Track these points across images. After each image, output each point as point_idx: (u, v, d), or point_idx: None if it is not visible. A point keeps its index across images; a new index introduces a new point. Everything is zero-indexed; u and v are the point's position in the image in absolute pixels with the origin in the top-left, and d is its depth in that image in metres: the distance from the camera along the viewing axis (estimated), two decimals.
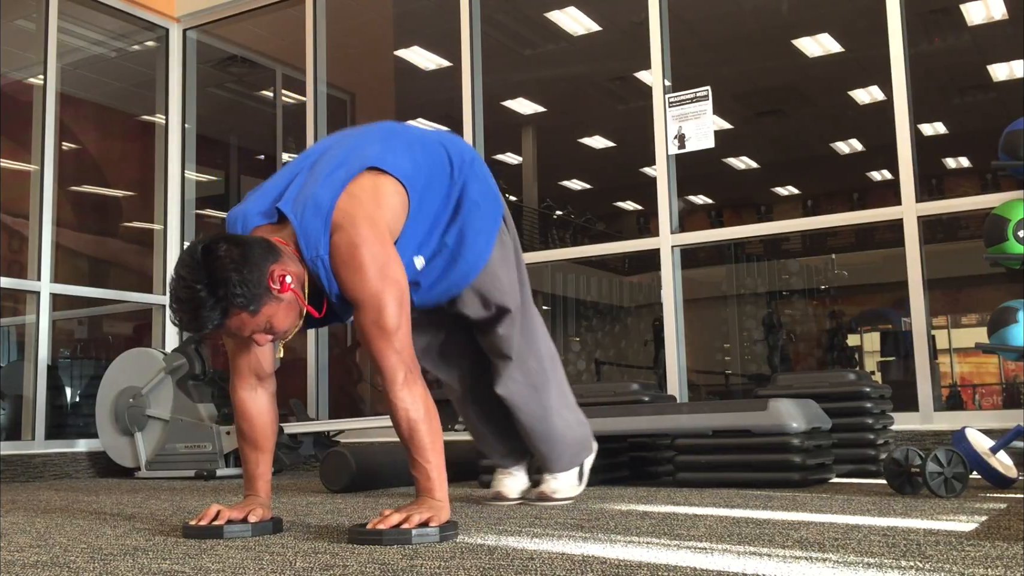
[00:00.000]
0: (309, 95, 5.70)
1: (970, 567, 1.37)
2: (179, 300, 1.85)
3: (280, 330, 1.94)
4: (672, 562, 1.50)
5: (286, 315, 1.93)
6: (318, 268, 1.96)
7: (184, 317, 1.85)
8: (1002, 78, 9.44)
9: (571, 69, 9.58)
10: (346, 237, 1.95)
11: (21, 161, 5.66)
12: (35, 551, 1.87)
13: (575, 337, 10.96)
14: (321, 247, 1.96)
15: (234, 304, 1.83)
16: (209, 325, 1.84)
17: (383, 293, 1.95)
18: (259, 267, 1.86)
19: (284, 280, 1.89)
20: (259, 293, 1.85)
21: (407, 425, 1.95)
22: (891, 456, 2.65)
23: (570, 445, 2.66)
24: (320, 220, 1.97)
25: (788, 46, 8.87)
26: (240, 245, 1.87)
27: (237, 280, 1.82)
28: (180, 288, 1.84)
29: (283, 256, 1.93)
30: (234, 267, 1.82)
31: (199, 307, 1.82)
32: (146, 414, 4.79)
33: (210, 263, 1.82)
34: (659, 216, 4.56)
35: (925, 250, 4.01)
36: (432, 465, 1.95)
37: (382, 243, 1.99)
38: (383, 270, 1.96)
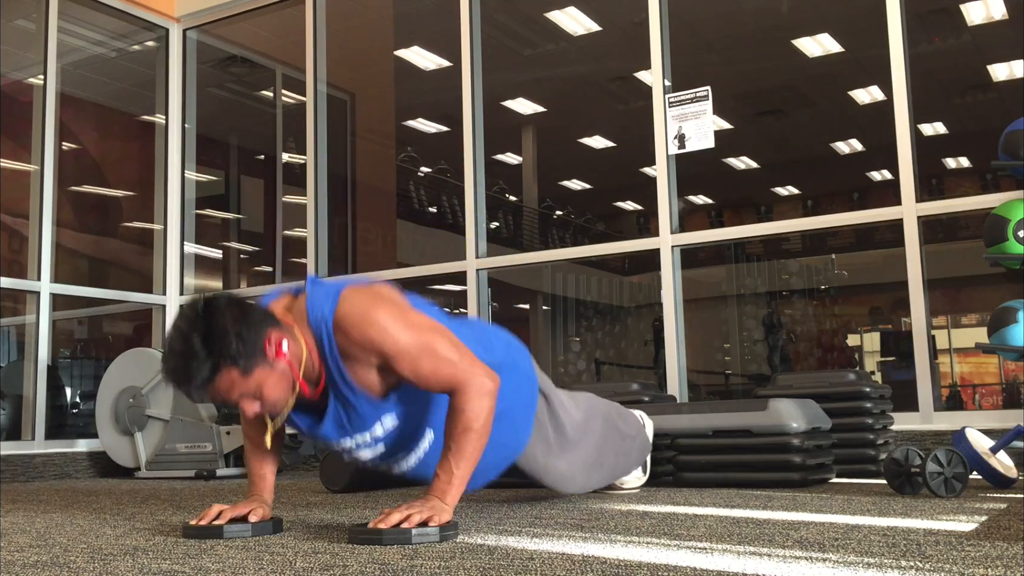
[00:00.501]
0: (309, 95, 5.70)
1: (970, 567, 1.37)
2: (172, 351, 1.80)
3: (269, 400, 1.88)
4: (672, 562, 1.50)
5: (277, 384, 1.87)
6: (321, 331, 1.92)
7: (174, 368, 1.80)
8: (1002, 78, 9.44)
9: (571, 69, 9.58)
10: (356, 306, 1.91)
11: (21, 161, 5.67)
12: (35, 551, 1.87)
13: (575, 337, 10.95)
14: (327, 311, 1.92)
15: (226, 358, 1.78)
16: (198, 378, 1.79)
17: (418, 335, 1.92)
18: (257, 328, 1.83)
19: (280, 346, 1.85)
20: (253, 353, 1.81)
21: (463, 429, 1.93)
22: (891, 456, 2.65)
23: (633, 464, 2.95)
24: (332, 288, 1.96)
25: (788, 46, 8.88)
26: (242, 306, 1.85)
27: (234, 337, 1.78)
28: (175, 338, 1.80)
29: (284, 328, 1.91)
30: (232, 322, 1.79)
31: (191, 359, 1.77)
32: (146, 414, 4.79)
33: (209, 316, 1.80)
34: (659, 216, 4.56)
35: (925, 250, 4.01)
36: (459, 473, 1.94)
37: (394, 303, 1.96)
38: (405, 319, 1.94)
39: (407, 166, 10.65)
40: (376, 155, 9.11)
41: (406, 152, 10.51)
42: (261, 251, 8.09)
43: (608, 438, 2.74)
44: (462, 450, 1.94)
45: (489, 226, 6.73)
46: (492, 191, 10.98)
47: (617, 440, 2.79)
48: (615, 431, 2.79)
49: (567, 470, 2.52)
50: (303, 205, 5.70)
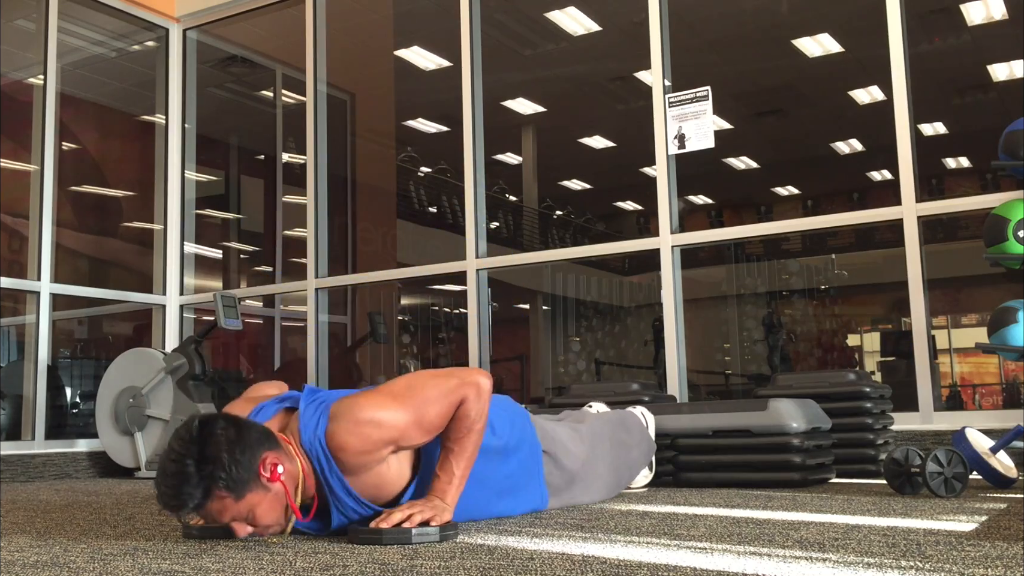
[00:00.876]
0: (309, 95, 5.70)
1: (970, 567, 1.37)
2: (164, 473, 1.78)
3: (262, 523, 1.85)
4: (672, 562, 1.50)
5: (271, 508, 1.84)
6: (315, 448, 1.90)
7: (166, 490, 1.77)
8: (1002, 78, 9.44)
9: (571, 69, 9.58)
10: (346, 416, 1.90)
11: (21, 161, 5.66)
12: (35, 551, 1.87)
13: (575, 337, 10.95)
14: (319, 428, 1.90)
15: (218, 482, 1.76)
16: (190, 503, 1.77)
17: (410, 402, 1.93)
18: (252, 451, 1.81)
19: (275, 469, 1.83)
20: (247, 478, 1.79)
21: (467, 428, 1.96)
22: (891, 456, 2.65)
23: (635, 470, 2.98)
24: (322, 406, 1.95)
25: (788, 46, 8.88)
26: (238, 427, 1.83)
27: (227, 461, 1.76)
28: (168, 460, 1.78)
29: (281, 448, 1.89)
30: (227, 447, 1.77)
31: (183, 482, 1.75)
32: (146, 414, 4.79)
33: (204, 439, 1.78)
34: (659, 216, 4.56)
35: (925, 250, 4.01)
36: (459, 474, 1.97)
37: (370, 394, 1.96)
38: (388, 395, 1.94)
39: (407, 166, 10.65)
40: (376, 155, 9.11)
41: (406, 152, 10.51)
42: (261, 251, 8.09)
43: (617, 456, 2.79)
44: (463, 451, 1.97)
45: (489, 226, 6.73)
46: (492, 191, 10.99)
47: (625, 454, 2.84)
48: (621, 447, 2.83)
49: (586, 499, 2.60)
50: (303, 205, 5.70)
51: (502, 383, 8.91)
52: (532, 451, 2.34)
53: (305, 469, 1.91)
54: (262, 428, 1.89)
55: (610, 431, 2.80)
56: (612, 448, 2.76)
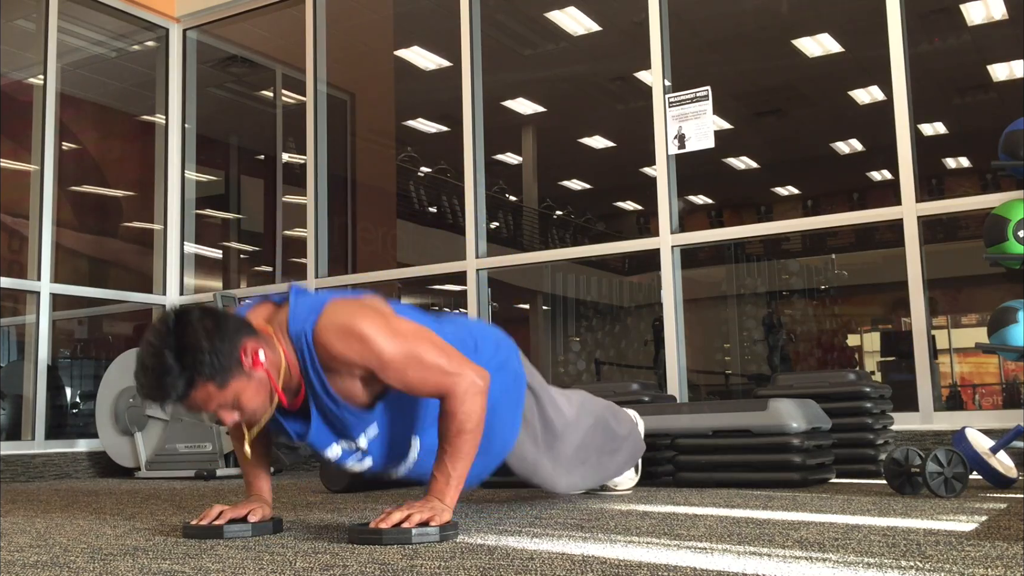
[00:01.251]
0: (309, 95, 5.70)
1: (970, 567, 1.37)
2: (144, 367, 1.76)
3: (248, 410, 1.85)
4: (672, 562, 1.50)
5: (255, 394, 1.84)
6: (301, 343, 1.89)
7: (148, 384, 1.76)
8: (1002, 78, 9.44)
9: (571, 69, 9.58)
10: (338, 319, 1.88)
11: (21, 161, 5.67)
12: (35, 551, 1.87)
13: (575, 337, 10.96)
14: (308, 324, 1.89)
15: (201, 374, 1.75)
16: (173, 395, 1.75)
17: (404, 343, 1.90)
18: (231, 340, 1.79)
19: (256, 355, 1.82)
20: (229, 365, 1.77)
21: (457, 430, 1.92)
22: (891, 456, 2.65)
23: (624, 464, 2.90)
24: (315, 300, 1.94)
25: (788, 46, 8.88)
26: (215, 316, 1.81)
27: (207, 349, 1.74)
28: (147, 355, 1.76)
29: (260, 336, 1.87)
30: (206, 336, 1.75)
31: (164, 375, 1.73)
32: (146, 414, 4.79)
33: (181, 330, 1.75)
34: (659, 216, 4.56)
35: (925, 250, 4.01)
36: (456, 474, 1.93)
37: (375, 314, 1.93)
38: (389, 328, 1.91)
39: (407, 166, 10.65)
40: (376, 155, 9.11)
41: (406, 152, 10.52)
42: (261, 251, 8.09)
43: (598, 436, 2.71)
44: (458, 451, 1.94)
45: (489, 226, 6.73)
46: (492, 191, 10.98)
47: (608, 439, 2.76)
48: (607, 430, 2.76)
49: (554, 468, 2.49)
50: (303, 205, 5.70)
51: None
52: (516, 379, 2.30)
53: (289, 359, 1.90)
54: (239, 317, 1.88)
55: (600, 411, 2.74)
56: (596, 426, 2.69)
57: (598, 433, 2.71)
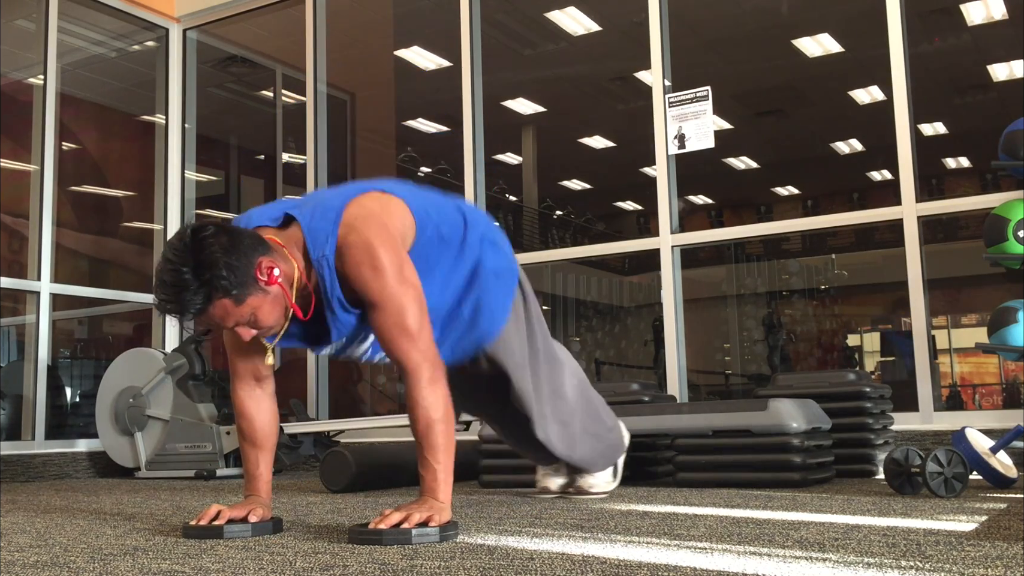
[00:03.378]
0: (309, 95, 5.70)
1: (970, 567, 1.37)
2: (163, 283, 1.81)
3: (265, 324, 1.90)
4: (672, 562, 1.50)
5: (272, 309, 1.90)
6: (323, 268, 1.94)
7: (166, 299, 1.81)
8: (1002, 78, 9.44)
9: (571, 69, 9.57)
10: (361, 237, 1.93)
11: (21, 161, 5.66)
12: (35, 551, 1.87)
13: (575, 337, 10.95)
14: (328, 247, 1.94)
15: (218, 289, 1.80)
16: (191, 309, 1.81)
17: (403, 295, 1.94)
18: (247, 256, 1.84)
19: (272, 272, 1.87)
20: (245, 281, 1.83)
21: (425, 424, 1.94)
22: (891, 456, 2.65)
23: (602, 455, 2.80)
24: (329, 222, 1.96)
25: (788, 46, 8.87)
26: (230, 233, 1.86)
27: (224, 264, 1.79)
28: (165, 270, 1.81)
29: (274, 251, 1.92)
30: (222, 252, 1.80)
31: (183, 290, 1.79)
32: (146, 414, 4.79)
33: (198, 246, 1.80)
34: (659, 216, 4.56)
35: (925, 250, 4.01)
36: (441, 467, 1.94)
37: (396, 246, 1.98)
38: (400, 272, 1.95)
39: (407, 166, 10.65)
40: (376, 155, 9.11)
41: (406, 152, 10.51)
42: None
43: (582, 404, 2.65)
44: (434, 445, 1.94)
45: None
46: (492, 191, 10.98)
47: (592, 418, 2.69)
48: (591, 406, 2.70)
49: (536, 393, 2.45)
50: None
51: None
52: (509, 266, 2.33)
53: (301, 268, 1.96)
54: (253, 233, 1.92)
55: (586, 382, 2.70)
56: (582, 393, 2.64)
57: (583, 401, 2.66)
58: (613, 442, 2.83)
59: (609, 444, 2.80)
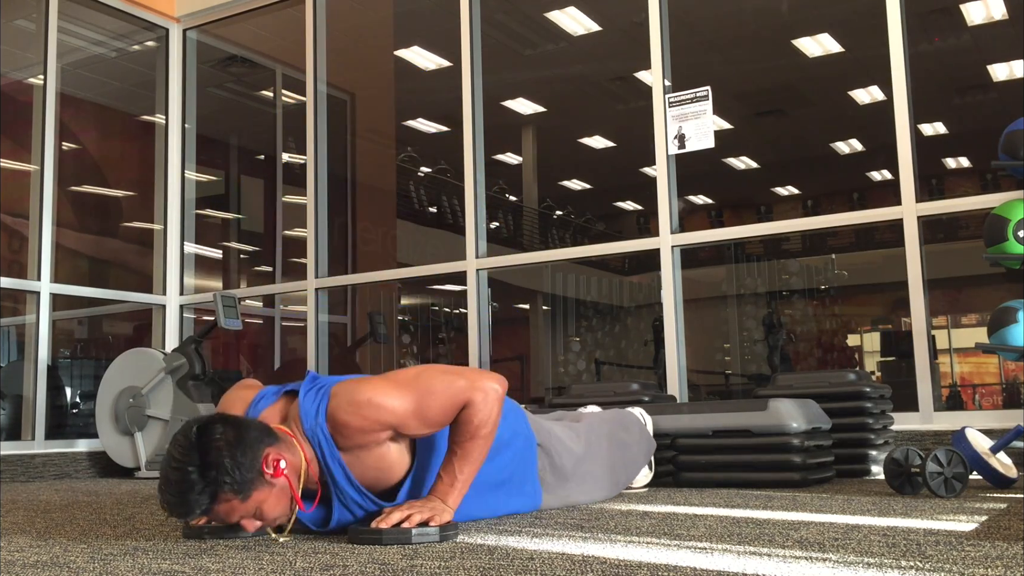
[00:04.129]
0: (309, 95, 5.70)
1: (970, 567, 1.37)
2: (168, 481, 1.79)
3: (269, 518, 1.87)
4: (672, 562, 1.50)
5: (277, 502, 1.86)
6: (318, 437, 1.92)
7: (172, 500, 1.79)
8: (1002, 78, 9.44)
9: (571, 69, 9.58)
10: (345, 396, 1.92)
11: (21, 161, 5.66)
12: (35, 551, 1.87)
13: (575, 337, 10.95)
14: (320, 415, 1.92)
15: (223, 489, 1.77)
16: (197, 510, 1.78)
17: (413, 391, 1.93)
18: (253, 450, 1.81)
19: (278, 465, 1.84)
20: (251, 478, 1.80)
21: (471, 434, 1.95)
22: (891, 456, 2.65)
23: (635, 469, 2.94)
24: (322, 392, 1.95)
25: (788, 46, 8.88)
26: (237, 427, 1.83)
27: (229, 465, 1.77)
28: (171, 469, 1.78)
29: (280, 442, 1.89)
30: (228, 451, 1.78)
31: (188, 490, 1.76)
32: (146, 414, 4.79)
33: (204, 445, 1.78)
34: (659, 216, 4.56)
35: (925, 250, 4.01)
36: (462, 478, 1.96)
37: (375, 378, 1.97)
38: (393, 382, 1.95)
39: (407, 166, 10.65)
40: (376, 155, 9.11)
41: (406, 152, 10.51)
42: (261, 251, 8.09)
43: (615, 454, 2.77)
44: (468, 455, 1.95)
45: (489, 226, 6.72)
46: (492, 191, 10.98)
47: (623, 453, 2.83)
48: (620, 446, 2.81)
49: (583, 498, 2.58)
50: (303, 205, 5.70)
51: None
52: (527, 443, 2.34)
53: (308, 456, 1.93)
54: (259, 424, 1.90)
55: (608, 430, 2.79)
56: (610, 447, 2.75)
57: (615, 451, 2.77)
58: (644, 449, 2.97)
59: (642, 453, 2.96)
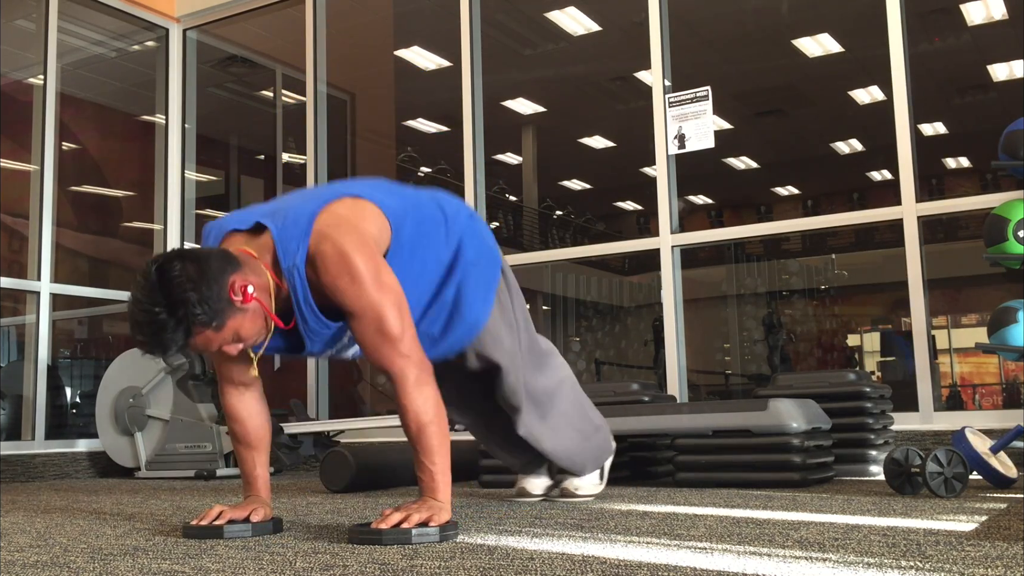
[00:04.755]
0: (309, 95, 5.70)
1: (970, 567, 1.37)
2: (138, 323, 1.78)
3: (248, 338, 1.89)
4: (672, 562, 1.50)
5: (252, 324, 1.88)
6: (294, 278, 1.91)
7: (146, 341, 1.79)
8: (1002, 78, 9.44)
9: (571, 69, 9.57)
10: (334, 246, 1.89)
11: (21, 161, 5.66)
12: (35, 551, 1.87)
13: (575, 337, 10.95)
14: (299, 256, 1.90)
15: (196, 323, 1.78)
16: (173, 347, 1.79)
17: (381, 301, 1.91)
18: (218, 281, 1.80)
19: (246, 290, 1.84)
20: (221, 308, 1.80)
21: (416, 427, 1.93)
22: (891, 456, 2.65)
23: (590, 455, 2.73)
24: (300, 230, 1.92)
25: (788, 46, 8.87)
26: (196, 260, 1.80)
27: (196, 299, 1.76)
28: (138, 312, 1.77)
29: (243, 266, 1.88)
30: (192, 286, 1.76)
31: (160, 330, 1.76)
32: (146, 414, 4.79)
33: (166, 284, 1.76)
34: (659, 216, 4.56)
35: (925, 250, 4.01)
36: (438, 467, 1.94)
37: (371, 250, 1.94)
38: (377, 277, 1.92)
39: (407, 166, 10.65)
40: (376, 155, 9.11)
41: (406, 152, 10.51)
42: None
43: (570, 398, 2.61)
44: (428, 447, 1.94)
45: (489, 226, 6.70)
46: (492, 191, 10.98)
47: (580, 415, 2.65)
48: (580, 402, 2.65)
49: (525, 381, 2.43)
50: None
51: None
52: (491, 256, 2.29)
53: (274, 278, 1.93)
54: (219, 252, 1.88)
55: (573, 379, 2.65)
56: (570, 388, 2.60)
57: (571, 396, 2.62)
58: (600, 443, 2.75)
59: (597, 445, 2.73)
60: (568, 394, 2.63)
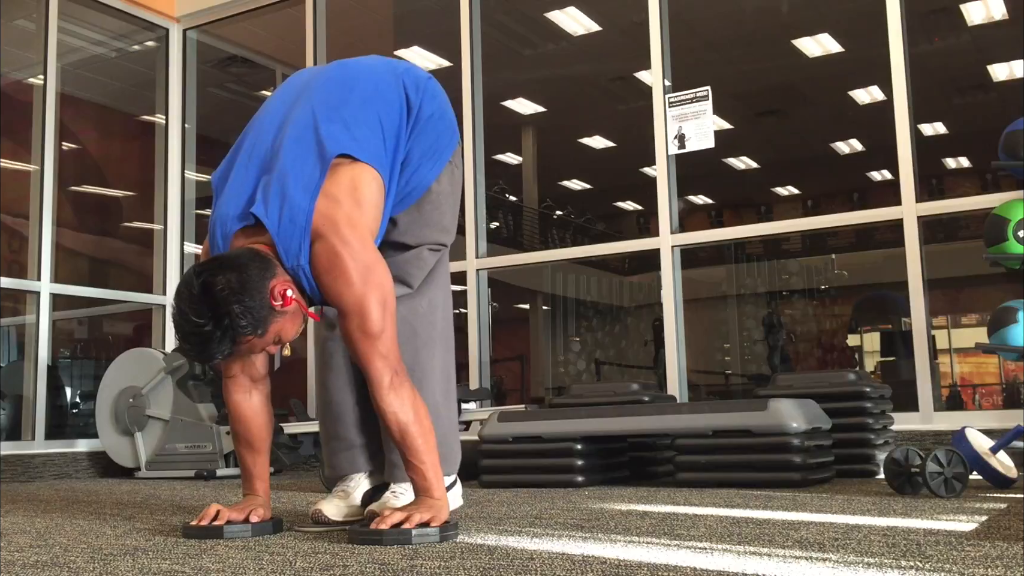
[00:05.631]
0: None
1: (970, 567, 1.37)
2: (185, 335, 1.86)
3: (288, 338, 1.98)
4: (672, 562, 1.50)
5: (292, 324, 1.96)
6: (299, 276, 1.96)
7: (194, 351, 1.88)
8: (1002, 78, 9.44)
9: (571, 69, 9.57)
10: (327, 245, 1.93)
11: (21, 161, 5.66)
12: (35, 551, 1.87)
13: (575, 337, 10.96)
14: (302, 256, 1.94)
15: (241, 334, 1.85)
16: (219, 356, 1.88)
17: (366, 298, 1.94)
18: (259, 289, 1.86)
19: (285, 294, 1.90)
20: (264, 315, 1.87)
21: (397, 428, 1.94)
22: (891, 456, 2.65)
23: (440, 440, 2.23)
24: (299, 228, 1.94)
25: (788, 46, 8.87)
26: (237, 270, 1.85)
27: (240, 311, 1.83)
28: (185, 324, 1.84)
29: (278, 269, 1.93)
30: (236, 298, 1.82)
31: (207, 342, 1.84)
32: (146, 414, 4.79)
33: (210, 297, 1.82)
34: (659, 216, 4.56)
35: (925, 250, 4.01)
36: (427, 465, 1.94)
37: (363, 247, 1.96)
38: (365, 275, 1.94)
39: None
40: None
41: None
42: None
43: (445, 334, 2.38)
44: (414, 447, 1.94)
45: (489, 226, 6.72)
46: (492, 191, 10.97)
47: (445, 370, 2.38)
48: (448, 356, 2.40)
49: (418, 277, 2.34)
50: None
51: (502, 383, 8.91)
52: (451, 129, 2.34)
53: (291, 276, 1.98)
54: (253, 255, 1.91)
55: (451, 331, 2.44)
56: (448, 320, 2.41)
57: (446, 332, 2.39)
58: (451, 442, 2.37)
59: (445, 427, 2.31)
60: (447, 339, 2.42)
